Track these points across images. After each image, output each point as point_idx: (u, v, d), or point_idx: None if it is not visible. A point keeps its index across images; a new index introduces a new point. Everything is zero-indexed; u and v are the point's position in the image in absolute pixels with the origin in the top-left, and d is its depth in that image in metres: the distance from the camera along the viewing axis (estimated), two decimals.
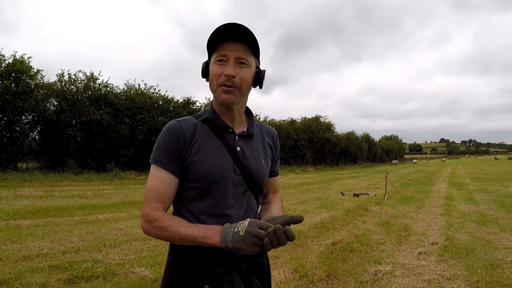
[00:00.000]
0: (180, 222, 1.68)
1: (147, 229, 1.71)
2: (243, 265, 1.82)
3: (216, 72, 1.75)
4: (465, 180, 25.90)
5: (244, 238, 1.50)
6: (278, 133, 2.21)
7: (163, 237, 1.70)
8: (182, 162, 1.78)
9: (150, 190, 1.74)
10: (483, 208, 12.23)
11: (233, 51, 1.73)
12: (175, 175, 1.76)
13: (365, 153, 63.91)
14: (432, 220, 10.04)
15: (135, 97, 26.82)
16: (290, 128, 45.11)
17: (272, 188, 2.21)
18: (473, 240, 7.63)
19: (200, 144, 1.80)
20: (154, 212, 1.69)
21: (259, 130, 2.05)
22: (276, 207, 2.09)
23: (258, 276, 1.94)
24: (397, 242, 7.54)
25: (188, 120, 1.87)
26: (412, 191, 18.16)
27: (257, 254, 1.93)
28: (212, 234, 1.60)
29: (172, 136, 1.77)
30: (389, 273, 5.66)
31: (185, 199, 1.83)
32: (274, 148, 2.14)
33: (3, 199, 12.13)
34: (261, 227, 1.52)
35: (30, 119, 23.84)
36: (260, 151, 1.98)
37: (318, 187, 20.50)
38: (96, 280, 5.09)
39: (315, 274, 5.54)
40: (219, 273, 1.75)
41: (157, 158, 1.77)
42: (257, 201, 2.01)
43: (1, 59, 22.10)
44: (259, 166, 1.93)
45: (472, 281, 5.34)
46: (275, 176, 2.21)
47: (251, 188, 1.91)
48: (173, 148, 1.76)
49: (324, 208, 12.13)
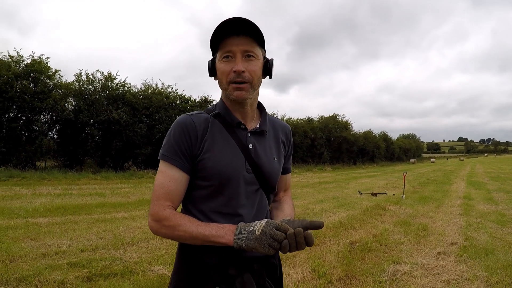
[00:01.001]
0: (191, 220, 1.64)
1: (156, 228, 1.66)
2: (256, 266, 1.78)
3: (224, 69, 1.70)
4: (484, 179, 25.68)
5: (260, 238, 1.46)
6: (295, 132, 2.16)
7: (172, 237, 1.65)
8: (193, 158, 1.72)
9: (158, 188, 1.69)
10: (503, 208, 12.11)
11: (238, 45, 1.68)
12: (185, 172, 1.71)
13: (382, 152, 63.47)
14: (450, 220, 9.94)
15: (152, 96, 26.86)
16: (307, 126, 44.88)
17: (284, 186, 2.16)
18: (492, 241, 7.55)
19: (212, 140, 1.75)
20: (163, 211, 1.64)
21: (272, 126, 1.99)
22: (288, 207, 2.05)
23: (271, 277, 1.89)
24: (415, 242, 7.48)
25: (200, 115, 1.81)
26: (430, 190, 18.01)
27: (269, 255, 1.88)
28: (225, 233, 1.56)
29: (183, 131, 1.71)
30: (407, 273, 5.61)
31: (195, 197, 1.78)
32: (288, 145, 2.08)
33: (22, 197, 12.24)
34: (278, 228, 1.48)
35: (48, 119, 24.03)
36: (272, 149, 1.93)
37: (336, 186, 20.40)
38: (114, 278, 5.12)
39: (333, 273, 5.51)
40: (231, 274, 1.71)
41: (167, 154, 1.71)
42: (269, 199, 1.95)
43: (20, 60, 22.31)
44: (272, 164, 1.87)
45: (491, 282, 5.27)
46: (288, 174, 2.16)
47: (263, 186, 1.85)
48: (184, 143, 1.70)
49: (342, 207, 12.08)
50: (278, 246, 1.46)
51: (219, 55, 1.72)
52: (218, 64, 1.74)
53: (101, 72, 25.97)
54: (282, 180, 2.09)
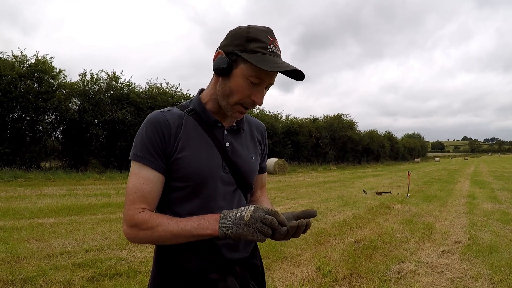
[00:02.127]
0: (170, 218, 1.53)
1: (133, 235, 1.53)
2: (238, 268, 1.72)
3: (245, 91, 1.57)
4: (488, 178, 25.64)
5: (249, 224, 1.37)
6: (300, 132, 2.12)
7: (152, 240, 1.53)
8: (167, 158, 1.61)
9: (132, 191, 1.56)
10: (507, 206, 12.10)
11: (271, 77, 1.58)
12: (160, 173, 1.60)
13: (387, 151, 63.47)
14: (455, 219, 9.94)
15: (157, 96, 26.87)
16: (312, 126, 44.75)
17: (260, 185, 2.08)
18: (496, 239, 7.55)
19: (187, 138, 1.64)
20: (139, 214, 1.52)
21: (248, 124, 1.92)
22: (267, 205, 1.95)
23: (254, 279, 1.84)
24: (420, 241, 7.48)
25: (173, 112, 1.71)
26: (435, 189, 17.96)
27: (251, 255, 1.83)
28: (209, 223, 1.46)
29: (156, 129, 1.60)
30: (412, 272, 5.62)
31: (170, 200, 1.67)
32: (263, 144, 2.01)
33: (26, 198, 12.27)
34: (268, 213, 1.41)
35: (52, 119, 24.06)
36: (249, 147, 1.86)
37: (341, 185, 20.40)
38: (119, 278, 5.14)
39: (338, 272, 5.52)
40: (213, 278, 1.64)
41: (140, 154, 1.58)
42: (246, 199, 1.87)
43: (24, 60, 22.34)
44: (249, 163, 1.80)
45: (495, 280, 5.28)
46: (264, 173, 2.08)
47: (240, 186, 1.77)
48: (157, 142, 1.58)
49: (346, 206, 12.09)
50: (269, 232, 1.40)
51: (247, 70, 1.54)
52: (238, 77, 1.56)
53: (105, 71, 26.00)
54: (258, 179, 2.04)
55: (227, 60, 1.56)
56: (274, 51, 1.55)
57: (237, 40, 1.56)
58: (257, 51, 1.52)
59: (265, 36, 1.55)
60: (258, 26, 1.59)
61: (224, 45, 1.61)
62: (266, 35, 1.55)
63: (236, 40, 1.56)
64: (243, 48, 1.53)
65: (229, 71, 1.57)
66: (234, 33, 1.59)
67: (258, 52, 1.52)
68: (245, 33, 1.55)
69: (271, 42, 1.55)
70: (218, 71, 1.60)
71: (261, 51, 1.52)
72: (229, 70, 1.57)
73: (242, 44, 1.54)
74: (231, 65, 1.56)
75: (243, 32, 1.56)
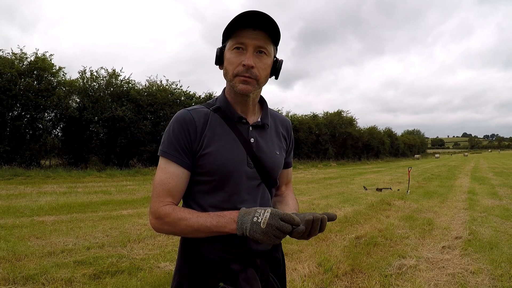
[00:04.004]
0: (191, 213, 1.60)
1: (157, 225, 1.63)
2: (259, 261, 1.76)
3: (233, 60, 1.66)
4: (488, 174, 25.71)
5: (266, 231, 1.42)
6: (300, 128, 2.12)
7: (175, 232, 1.63)
8: (193, 154, 1.69)
9: (158, 185, 1.66)
10: (507, 202, 12.17)
11: (253, 39, 1.63)
12: (186, 169, 1.68)
13: (387, 147, 63.47)
14: (455, 215, 9.97)
15: (157, 93, 26.88)
16: (312, 123, 44.71)
17: (285, 180, 2.13)
18: (496, 235, 7.60)
19: (212, 135, 1.71)
20: (163, 207, 1.61)
21: (273, 120, 1.95)
22: (292, 201, 2.04)
23: (274, 272, 1.87)
24: (420, 236, 7.51)
25: (199, 110, 1.77)
26: (435, 185, 18.04)
27: (273, 249, 1.87)
28: (226, 222, 1.53)
29: (182, 127, 1.68)
30: (413, 267, 5.64)
31: (195, 193, 1.75)
32: (289, 139, 2.04)
33: (27, 196, 12.27)
34: (283, 219, 1.44)
35: (52, 116, 24.02)
36: (274, 143, 1.89)
37: (341, 181, 20.43)
38: (121, 275, 5.15)
39: (339, 268, 5.54)
40: (234, 269, 1.69)
41: (166, 150, 1.68)
42: (271, 193, 1.90)
43: (23, 57, 22.31)
44: (274, 158, 1.84)
45: (496, 275, 5.32)
46: (289, 168, 2.12)
47: (265, 181, 1.81)
48: (183, 139, 1.67)
49: (347, 202, 12.12)
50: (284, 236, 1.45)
51: (230, 44, 1.68)
52: (227, 54, 1.69)
53: (105, 69, 26.05)
54: (283, 174, 2.08)
55: (218, 49, 1.75)
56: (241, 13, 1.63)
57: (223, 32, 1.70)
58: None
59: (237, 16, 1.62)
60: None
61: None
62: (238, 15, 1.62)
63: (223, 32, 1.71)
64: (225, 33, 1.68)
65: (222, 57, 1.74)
66: None
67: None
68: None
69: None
70: (216, 63, 1.78)
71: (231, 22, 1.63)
72: (222, 56, 1.74)
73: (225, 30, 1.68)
74: (222, 51, 1.74)
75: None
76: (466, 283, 5.07)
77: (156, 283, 4.86)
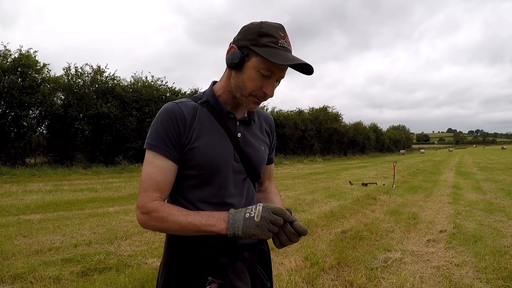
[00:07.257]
0: (180, 210, 1.58)
1: (144, 221, 1.60)
2: (247, 253, 1.76)
3: (256, 83, 1.61)
4: (473, 169, 25.94)
5: (260, 225, 1.44)
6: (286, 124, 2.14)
7: (162, 229, 1.60)
8: (181, 148, 1.65)
9: (146, 179, 1.62)
10: (491, 196, 12.31)
11: (282, 70, 1.62)
12: (174, 162, 1.64)
13: (373, 143, 63.83)
14: (440, 209, 10.08)
15: (142, 90, 26.83)
16: (297, 118, 44.79)
17: (268, 175, 2.15)
18: (480, 228, 7.69)
19: (201, 128, 1.69)
20: (151, 203, 1.58)
21: (257, 116, 1.97)
22: (276, 196, 2.06)
23: (261, 264, 1.88)
24: (406, 230, 7.59)
25: (187, 103, 1.74)
26: (420, 180, 18.21)
27: (259, 241, 1.88)
28: (216, 222, 1.52)
29: (171, 119, 1.64)
30: (398, 260, 5.71)
31: (183, 187, 1.73)
32: (272, 135, 2.06)
33: (12, 194, 12.21)
34: (275, 213, 1.47)
35: (37, 114, 23.84)
36: (259, 138, 1.91)
37: (327, 177, 20.55)
38: (109, 272, 5.14)
39: (325, 261, 5.58)
40: (222, 263, 1.68)
41: (154, 144, 1.63)
42: (254, 187, 1.93)
43: (7, 54, 22.13)
44: (259, 153, 1.85)
45: (480, 267, 5.39)
46: (271, 164, 2.13)
47: (250, 175, 1.83)
48: (172, 132, 1.63)
49: (333, 197, 12.18)
50: (276, 230, 1.47)
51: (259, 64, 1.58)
52: (250, 69, 1.61)
53: (90, 65, 25.90)
54: (266, 169, 2.10)
55: (239, 54, 1.60)
56: (285, 46, 1.60)
57: (250, 35, 1.60)
58: (268, 46, 1.57)
59: (277, 32, 1.59)
60: (270, 22, 1.63)
61: (237, 39, 1.66)
62: (277, 30, 1.59)
63: (249, 35, 1.61)
64: (255, 42, 1.58)
65: (242, 65, 1.62)
66: (247, 28, 1.64)
67: (269, 47, 1.56)
68: (258, 28, 1.59)
69: (282, 37, 1.60)
70: (231, 65, 1.64)
71: (272, 46, 1.57)
72: (242, 63, 1.62)
73: (254, 38, 1.58)
74: (244, 58, 1.61)
75: (256, 27, 1.61)
76: (451, 275, 5.14)
77: (144, 279, 4.87)
